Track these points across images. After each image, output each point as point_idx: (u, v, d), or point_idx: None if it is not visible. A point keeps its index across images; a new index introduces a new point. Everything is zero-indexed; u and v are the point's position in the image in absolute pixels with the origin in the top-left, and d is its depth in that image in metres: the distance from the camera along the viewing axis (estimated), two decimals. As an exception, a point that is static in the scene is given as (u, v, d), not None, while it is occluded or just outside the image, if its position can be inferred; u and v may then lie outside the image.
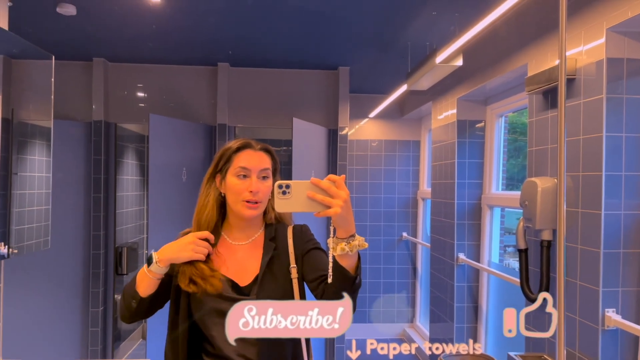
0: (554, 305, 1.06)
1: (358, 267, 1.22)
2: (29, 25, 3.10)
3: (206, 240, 1.37)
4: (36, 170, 2.82)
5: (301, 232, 1.47)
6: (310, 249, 1.42)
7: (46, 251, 3.32)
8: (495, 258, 3.42)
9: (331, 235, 1.17)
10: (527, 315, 2.35)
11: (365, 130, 5.29)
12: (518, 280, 2.76)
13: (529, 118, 2.47)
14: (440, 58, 2.56)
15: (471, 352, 0.81)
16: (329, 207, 1.07)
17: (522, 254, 2.29)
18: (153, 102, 4.03)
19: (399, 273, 5.27)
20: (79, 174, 3.78)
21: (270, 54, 3.82)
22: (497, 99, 3.31)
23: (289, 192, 1.09)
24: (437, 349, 0.83)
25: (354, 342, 0.81)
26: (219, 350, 1.35)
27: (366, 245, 1.18)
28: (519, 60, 2.59)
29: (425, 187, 5.16)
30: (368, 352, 0.81)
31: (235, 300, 1.23)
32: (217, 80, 4.05)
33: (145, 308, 1.38)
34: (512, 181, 3.56)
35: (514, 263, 3.61)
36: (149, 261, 1.33)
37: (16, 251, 2.52)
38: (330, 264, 1.20)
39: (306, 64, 4.08)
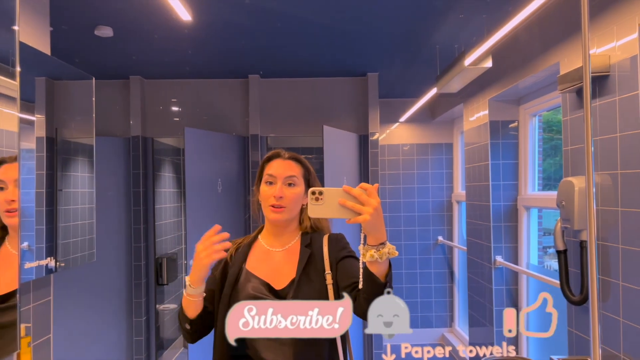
0: (587, 304, 1.06)
1: (388, 274, 1.24)
2: (70, 48, 3.24)
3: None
4: (79, 186, 2.92)
5: (336, 240, 1.51)
6: (344, 257, 1.45)
7: (91, 264, 3.44)
8: (534, 260, 3.35)
9: (362, 242, 1.20)
10: (570, 318, 2.30)
11: (397, 134, 5.28)
12: (558, 282, 2.71)
13: (563, 117, 2.43)
14: (469, 60, 2.55)
15: (505, 355, 0.82)
16: (359, 214, 1.10)
17: (562, 255, 2.25)
18: (187, 116, 4.15)
19: (436, 277, 5.22)
20: (120, 188, 3.92)
21: (299, 64, 3.87)
22: (530, 98, 3.26)
23: (322, 199, 1.13)
24: (470, 351, 0.84)
25: (388, 347, 0.83)
26: (257, 353, 1.40)
27: (396, 253, 1.20)
28: (550, 59, 2.55)
29: (459, 190, 5.10)
30: (403, 355, 0.83)
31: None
32: (248, 92, 4.13)
33: (200, 326, 1.46)
34: (550, 181, 3.49)
35: (555, 264, 3.53)
36: (185, 286, 1.40)
37: (63, 264, 2.62)
38: (361, 271, 1.23)
39: (335, 72, 4.12)
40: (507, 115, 3.45)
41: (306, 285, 1.41)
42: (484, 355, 0.83)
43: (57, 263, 2.58)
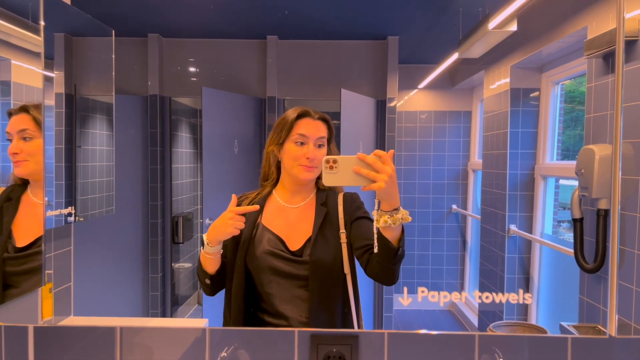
0: (607, 274, 1.06)
1: (401, 239, 1.26)
2: (86, 5, 3.22)
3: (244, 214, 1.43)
4: (97, 143, 2.95)
5: (351, 200, 1.53)
6: (358, 217, 1.49)
7: (109, 219, 3.51)
8: (548, 230, 3.34)
9: (375, 207, 1.22)
10: (582, 286, 2.32)
11: (415, 101, 5.21)
12: (571, 250, 2.70)
13: (587, 83, 2.38)
14: (493, 24, 2.49)
15: (521, 301, 0.83)
16: (374, 181, 1.10)
17: (577, 223, 2.24)
18: (205, 76, 4.13)
19: (448, 245, 5.23)
20: (138, 147, 3.96)
21: (319, 26, 3.81)
22: (554, 65, 3.19)
23: (336, 167, 1.15)
24: (486, 297, 0.85)
25: (405, 289, 0.84)
26: (273, 307, 1.43)
27: (409, 219, 1.24)
28: (578, 23, 2.48)
29: (476, 159, 5.06)
30: (419, 299, 0.84)
31: (289, 260, 1.30)
32: (266, 53, 4.09)
33: (220, 281, 1.52)
34: (568, 152, 3.44)
35: (569, 237, 3.51)
36: (203, 244, 1.45)
37: (82, 219, 2.67)
38: (375, 235, 1.25)
39: (355, 34, 4.05)
40: (528, 82, 3.39)
41: (322, 245, 1.44)
42: (500, 302, 0.84)
43: (77, 218, 2.64)
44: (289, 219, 1.52)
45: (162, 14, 3.52)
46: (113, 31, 2.49)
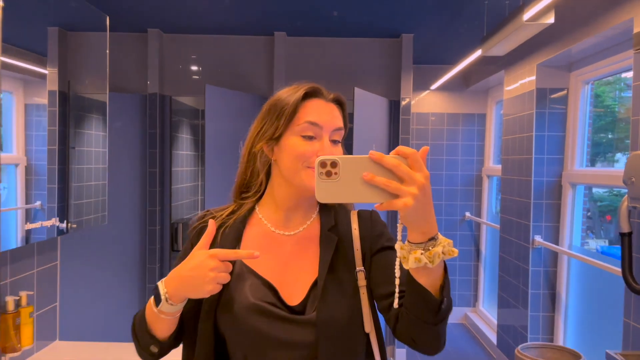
0: None
1: (445, 285, 0.82)
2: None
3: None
4: (93, 144, 2.74)
5: (371, 220, 1.06)
6: (382, 248, 1.01)
7: (104, 225, 3.28)
8: (576, 241, 3.10)
9: (398, 237, 0.80)
10: (627, 308, 2.06)
11: (426, 102, 4.99)
12: (607, 265, 2.47)
13: (633, 82, 2.14)
14: (527, 15, 2.26)
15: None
16: (396, 195, 0.72)
17: (626, 237, 2.00)
18: (208, 74, 3.90)
19: (461, 255, 4.99)
20: (135, 148, 3.72)
21: (329, 22, 3.58)
22: (585, 63, 2.96)
23: (336, 173, 0.74)
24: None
25: None
26: None
27: (455, 252, 0.78)
28: (621, 15, 2.24)
29: (491, 164, 4.83)
30: None
31: (285, 320, 0.92)
32: (273, 50, 3.86)
33: (171, 347, 0.99)
34: (597, 157, 3.21)
35: (597, 246, 3.28)
36: (157, 296, 0.92)
37: (75, 226, 2.47)
38: (397, 280, 0.83)
39: (367, 32, 3.82)
40: (555, 82, 3.16)
41: (334, 293, 0.95)
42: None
43: (69, 224, 2.43)
44: (283, 254, 1.02)
45: (163, 8, 3.29)
46: (107, 17, 2.26)
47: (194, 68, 3.92)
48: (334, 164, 0.73)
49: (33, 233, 2.10)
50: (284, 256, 1.01)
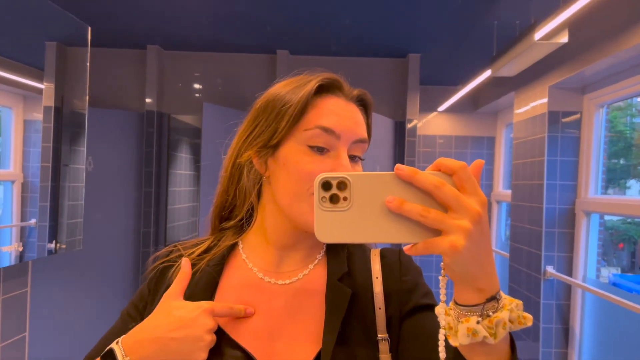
0: None
1: None
2: (83, 13, 2.93)
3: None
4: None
5: (400, 267, 0.74)
6: (417, 308, 0.70)
7: (95, 246, 3.15)
8: (591, 273, 2.93)
9: (442, 296, 0.54)
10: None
11: (433, 124, 4.86)
12: (626, 302, 2.29)
13: (655, 105, 2.00)
14: (539, 34, 2.14)
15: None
16: (438, 232, 0.47)
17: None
18: (208, 92, 3.81)
19: (468, 282, 4.78)
20: (131, 167, 3.61)
21: (333, 41, 3.48)
22: (599, 86, 2.82)
23: (345, 199, 0.49)
24: None
25: None
26: None
27: (529, 318, 0.51)
28: (637, 36, 2.11)
29: (500, 189, 4.67)
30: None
31: None
32: (276, 69, 3.77)
33: None
34: (609, 183, 3.06)
35: (610, 274, 3.10)
36: (111, 356, 0.66)
37: (64, 246, 2.36)
38: (442, 358, 0.54)
39: (372, 51, 3.72)
40: (568, 105, 3.02)
41: None
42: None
43: (58, 245, 2.33)
44: (274, 314, 0.72)
45: (163, 25, 3.21)
46: (89, 28, 2.17)
47: (194, 86, 3.83)
48: (342, 185, 0.49)
49: (26, 252, 2.02)
50: (274, 316, 0.70)
